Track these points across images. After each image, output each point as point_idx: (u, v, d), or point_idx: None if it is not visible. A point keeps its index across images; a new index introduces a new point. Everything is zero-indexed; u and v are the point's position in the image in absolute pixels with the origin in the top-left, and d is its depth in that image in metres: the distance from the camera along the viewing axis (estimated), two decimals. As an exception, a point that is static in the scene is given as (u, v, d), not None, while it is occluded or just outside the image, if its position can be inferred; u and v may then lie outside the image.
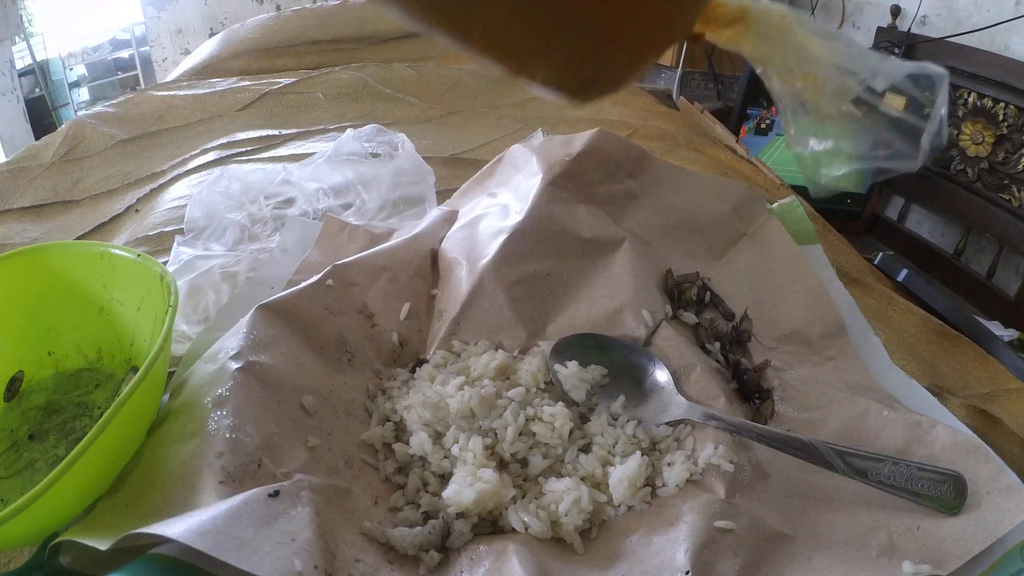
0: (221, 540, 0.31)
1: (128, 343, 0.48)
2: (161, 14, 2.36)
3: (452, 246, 0.55)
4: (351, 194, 0.68)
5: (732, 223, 0.58)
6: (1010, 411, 0.49)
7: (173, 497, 0.35)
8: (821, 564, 0.36)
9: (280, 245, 0.59)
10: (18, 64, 2.29)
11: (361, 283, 0.51)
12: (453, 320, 0.50)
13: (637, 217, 0.57)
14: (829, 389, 0.46)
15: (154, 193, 0.75)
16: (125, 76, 2.57)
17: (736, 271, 0.56)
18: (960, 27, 1.43)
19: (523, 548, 0.36)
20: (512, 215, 0.54)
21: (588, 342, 0.48)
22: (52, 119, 2.39)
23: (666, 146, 0.86)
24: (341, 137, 0.75)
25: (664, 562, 0.36)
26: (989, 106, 1.36)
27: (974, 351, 0.56)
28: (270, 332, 0.44)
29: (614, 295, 0.51)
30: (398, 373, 0.49)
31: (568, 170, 0.56)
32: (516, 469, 0.42)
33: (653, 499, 0.41)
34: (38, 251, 0.47)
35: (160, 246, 0.63)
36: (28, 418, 0.47)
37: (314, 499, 0.36)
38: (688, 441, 0.44)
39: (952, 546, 0.37)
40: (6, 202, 0.74)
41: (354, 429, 0.44)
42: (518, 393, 0.44)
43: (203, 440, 0.37)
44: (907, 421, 0.42)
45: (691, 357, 0.48)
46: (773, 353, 0.51)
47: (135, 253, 0.45)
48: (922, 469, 0.38)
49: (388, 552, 0.37)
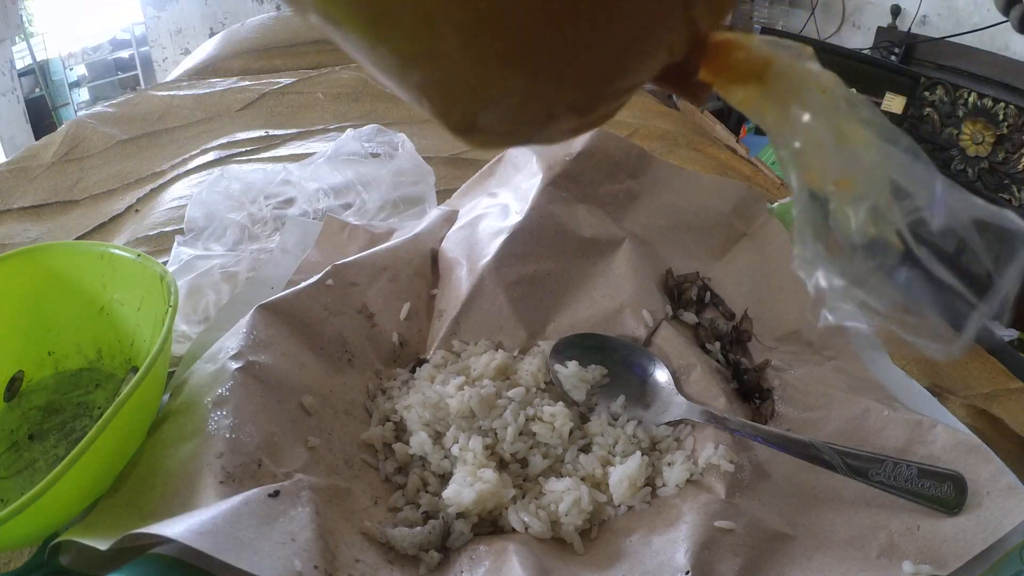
0: (221, 540, 0.31)
1: (128, 343, 0.48)
2: (161, 14, 2.36)
3: (452, 246, 0.55)
4: (351, 194, 0.68)
5: (732, 223, 0.58)
6: (1010, 411, 0.49)
7: (173, 497, 0.35)
8: (821, 564, 0.36)
9: (280, 245, 0.59)
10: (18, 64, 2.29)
11: (361, 283, 0.51)
12: (453, 320, 0.50)
13: (637, 217, 0.57)
14: (829, 389, 0.46)
15: (154, 193, 0.75)
16: (125, 76, 2.57)
17: (736, 271, 0.56)
18: (960, 27, 1.43)
19: (523, 548, 0.36)
20: (512, 215, 0.54)
21: (588, 342, 0.48)
22: (52, 119, 2.38)
23: (666, 146, 0.86)
24: (341, 137, 0.75)
25: (664, 562, 0.36)
26: (989, 106, 1.36)
27: (974, 351, 0.56)
28: (270, 332, 0.44)
29: (614, 295, 0.51)
30: (398, 373, 0.49)
31: (568, 170, 0.56)
32: (516, 469, 0.42)
33: (653, 499, 0.41)
34: (38, 251, 0.47)
35: (160, 246, 0.63)
36: (28, 418, 0.47)
37: (314, 499, 0.36)
38: (688, 441, 0.44)
39: (952, 546, 0.37)
40: (6, 202, 0.74)
41: (354, 429, 0.44)
42: (518, 393, 0.44)
43: (203, 440, 0.37)
44: (907, 421, 0.42)
45: (691, 357, 0.48)
46: (773, 353, 0.51)
47: (135, 253, 0.45)
48: (922, 469, 0.38)
49: (388, 552, 0.37)
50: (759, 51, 0.20)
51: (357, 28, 0.17)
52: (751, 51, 0.20)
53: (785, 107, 0.19)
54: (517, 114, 0.19)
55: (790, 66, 0.20)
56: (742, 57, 0.20)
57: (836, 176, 0.20)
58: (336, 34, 0.18)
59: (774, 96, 0.20)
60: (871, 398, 0.45)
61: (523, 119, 0.19)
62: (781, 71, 0.20)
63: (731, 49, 0.20)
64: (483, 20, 0.16)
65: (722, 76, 0.20)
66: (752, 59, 0.20)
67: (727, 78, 0.20)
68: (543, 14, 0.16)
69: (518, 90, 0.18)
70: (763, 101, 0.20)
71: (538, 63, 0.17)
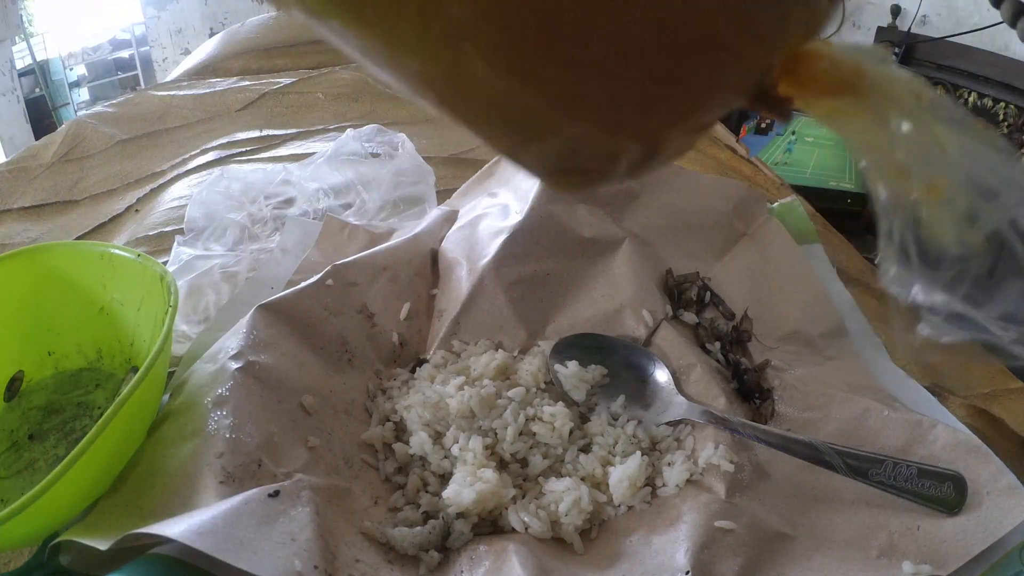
0: (221, 540, 0.31)
1: (128, 343, 0.48)
2: (161, 14, 2.36)
3: (452, 246, 0.55)
4: (351, 194, 0.68)
5: (732, 223, 0.58)
6: (1010, 411, 0.49)
7: (173, 497, 0.35)
8: (821, 564, 0.36)
9: (280, 245, 0.59)
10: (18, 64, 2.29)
11: (361, 283, 0.51)
12: (453, 320, 0.50)
13: (637, 217, 0.57)
14: (829, 389, 0.46)
15: (154, 193, 0.75)
16: (125, 76, 2.57)
17: (736, 271, 0.56)
18: (960, 27, 1.43)
19: (523, 548, 0.36)
20: (512, 215, 0.54)
21: (588, 342, 0.48)
22: (52, 119, 2.38)
23: (666, 146, 0.86)
24: (341, 137, 0.75)
25: (664, 562, 0.36)
26: (989, 106, 1.36)
27: (974, 351, 0.55)
28: (270, 332, 0.44)
29: (614, 295, 0.51)
30: (398, 373, 0.49)
31: (568, 170, 0.55)
32: (516, 469, 0.42)
33: (653, 499, 0.41)
34: (38, 251, 0.47)
35: (160, 246, 0.63)
36: (28, 418, 0.47)
37: (314, 499, 0.36)
38: (688, 441, 0.44)
39: (952, 546, 0.37)
40: (6, 202, 0.74)
41: (354, 429, 0.44)
42: (518, 393, 0.44)
43: (203, 440, 0.37)
44: (907, 421, 0.42)
45: (691, 357, 0.48)
46: (773, 353, 0.51)
47: (135, 253, 0.45)
48: (922, 469, 0.38)
49: (388, 552, 0.37)
50: (845, 60, 0.19)
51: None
52: (836, 61, 0.19)
53: (882, 118, 0.18)
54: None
55: (882, 74, 0.18)
56: (828, 68, 0.19)
57: (926, 179, 0.18)
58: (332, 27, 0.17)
59: (868, 107, 0.19)
60: (871, 398, 0.45)
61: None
62: (874, 81, 0.18)
63: (814, 60, 0.19)
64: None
65: (807, 89, 0.19)
66: (840, 70, 0.19)
67: (813, 91, 0.19)
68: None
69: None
70: (856, 112, 0.19)
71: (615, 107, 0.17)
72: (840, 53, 0.19)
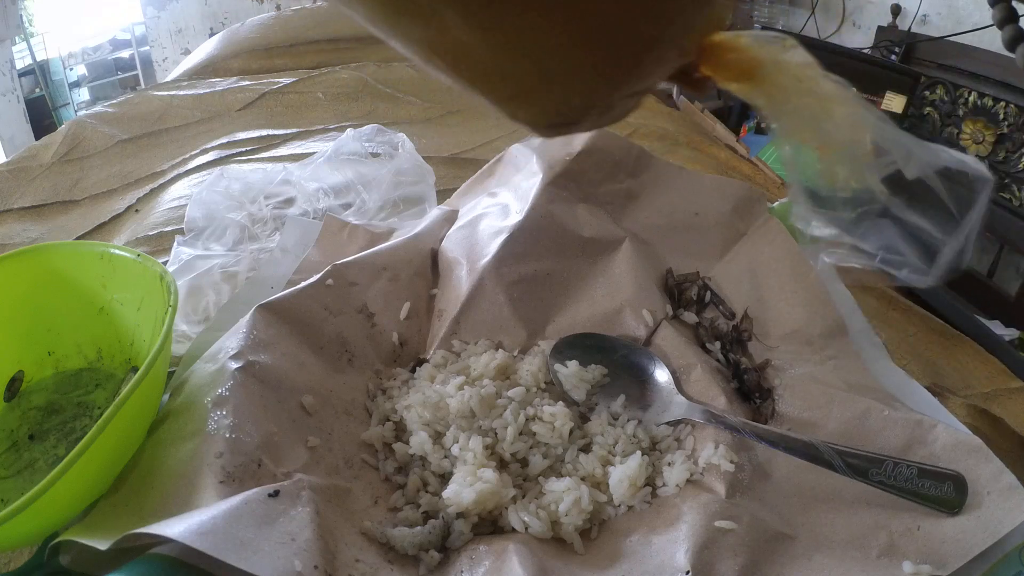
0: (221, 540, 0.31)
1: (128, 343, 0.48)
2: (161, 14, 2.36)
3: (452, 246, 0.55)
4: (351, 194, 0.68)
5: (732, 223, 0.58)
6: (1010, 411, 0.49)
7: (173, 497, 0.35)
8: (821, 564, 0.36)
9: (280, 245, 0.59)
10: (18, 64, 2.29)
11: (361, 283, 0.51)
12: (453, 320, 0.50)
13: (637, 217, 0.57)
14: (830, 389, 0.46)
15: (154, 193, 0.75)
16: (125, 76, 2.57)
17: (736, 271, 0.56)
18: (960, 26, 1.43)
19: (523, 548, 0.36)
20: (512, 215, 0.54)
21: (588, 342, 0.48)
22: (52, 119, 2.39)
23: (666, 146, 0.86)
24: (341, 137, 0.75)
25: (664, 562, 0.36)
26: (989, 105, 1.36)
27: (974, 351, 0.56)
28: (270, 332, 0.44)
29: (614, 295, 0.51)
30: (398, 373, 0.49)
31: (568, 169, 0.56)
32: (516, 469, 0.42)
33: (653, 499, 0.41)
34: (38, 251, 0.47)
35: (160, 246, 0.63)
36: (28, 418, 0.47)
37: (314, 499, 0.36)
38: (688, 441, 0.44)
39: (952, 546, 0.37)
40: (6, 202, 0.74)
41: (354, 429, 0.44)
42: (518, 393, 0.44)
43: (203, 440, 0.37)
44: (908, 421, 0.42)
45: (691, 357, 0.48)
46: (773, 353, 0.51)
47: (135, 253, 0.45)
48: (922, 469, 0.38)
49: (388, 552, 0.37)
50: (748, 52, 0.23)
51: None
52: (741, 52, 0.23)
53: (772, 97, 0.24)
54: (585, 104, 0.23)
55: (774, 63, 0.23)
56: (733, 59, 0.23)
57: (820, 139, 0.24)
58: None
59: (763, 89, 0.24)
60: (871, 398, 0.45)
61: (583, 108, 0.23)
62: (768, 69, 0.23)
63: (724, 51, 0.23)
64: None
65: (721, 73, 0.24)
66: (742, 60, 0.23)
67: (724, 76, 0.24)
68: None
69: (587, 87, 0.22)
70: (753, 92, 0.24)
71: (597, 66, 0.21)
72: (747, 44, 0.23)
